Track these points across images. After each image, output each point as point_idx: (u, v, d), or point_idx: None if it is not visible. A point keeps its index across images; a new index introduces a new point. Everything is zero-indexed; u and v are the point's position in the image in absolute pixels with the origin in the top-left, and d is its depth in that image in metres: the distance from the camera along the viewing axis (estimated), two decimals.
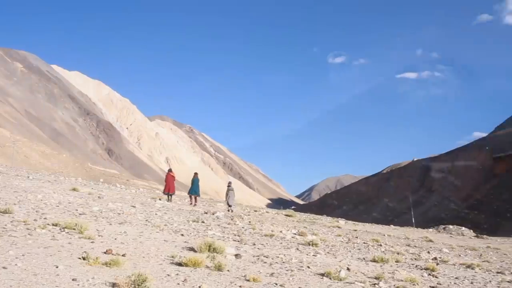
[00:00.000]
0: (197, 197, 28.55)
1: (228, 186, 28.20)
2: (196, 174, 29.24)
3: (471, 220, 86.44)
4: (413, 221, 59.01)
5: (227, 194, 27.73)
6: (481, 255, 20.45)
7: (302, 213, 45.83)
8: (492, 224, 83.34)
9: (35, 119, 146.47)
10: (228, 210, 26.50)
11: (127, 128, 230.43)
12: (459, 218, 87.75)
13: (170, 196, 28.21)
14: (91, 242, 10.21)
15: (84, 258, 8.30)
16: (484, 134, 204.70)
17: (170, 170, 29.84)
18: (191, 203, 27.48)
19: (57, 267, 7.50)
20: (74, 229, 11.05)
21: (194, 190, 28.11)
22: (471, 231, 42.20)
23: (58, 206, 15.80)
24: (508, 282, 11.93)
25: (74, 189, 24.07)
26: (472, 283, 11.37)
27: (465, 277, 12.18)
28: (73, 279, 6.91)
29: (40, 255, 8.31)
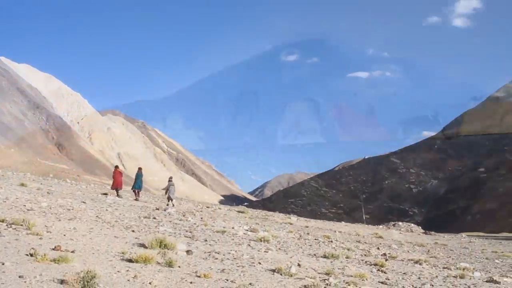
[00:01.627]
0: (139, 191, 28.91)
1: (169, 181, 28.30)
2: (140, 169, 29.84)
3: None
4: (364, 218, 60.11)
5: (167, 189, 27.83)
6: (428, 251, 21.07)
7: (255, 210, 46.02)
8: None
9: None
10: (167, 205, 26.58)
11: (78, 122, 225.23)
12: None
13: (117, 192, 28.14)
14: (39, 238, 10.02)
15: (31, 255, 8.15)
16: (433, 133, 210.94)
17: (117, 167, 30.55)
18: (135, 199, 27.61)
19: (3, 264, 7.34)
20: (21, 225, 10.82)
21: (138, 185, 28.63)
22: (420, 227, 43.51)
23: (5, 201, 15.42)
24: (454, 277, 12.32)
25: (22, 184, 23.46)
26: (419, 278, 11.69)
27: (412, 272, 12.52)
28: (19, 276, 6.78)
29: None
